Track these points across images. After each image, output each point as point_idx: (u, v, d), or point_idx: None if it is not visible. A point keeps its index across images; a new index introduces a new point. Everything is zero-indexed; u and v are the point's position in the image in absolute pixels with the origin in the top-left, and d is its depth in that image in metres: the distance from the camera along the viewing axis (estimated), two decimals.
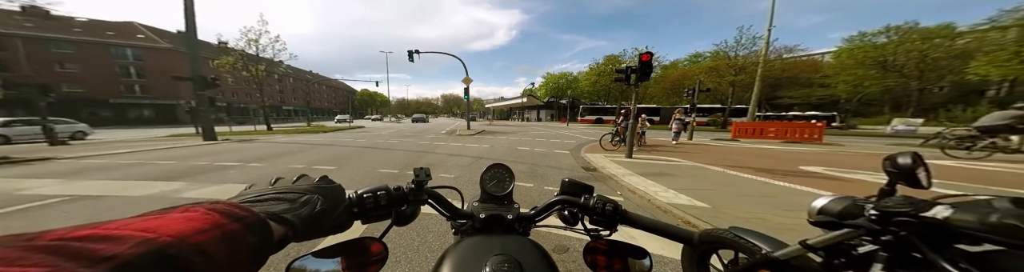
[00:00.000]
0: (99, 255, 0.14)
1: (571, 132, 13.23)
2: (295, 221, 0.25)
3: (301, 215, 0.26)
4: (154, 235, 0.16)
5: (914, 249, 0.34)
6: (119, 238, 0.15)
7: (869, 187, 3.01)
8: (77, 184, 3.22)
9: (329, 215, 0.29)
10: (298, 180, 0.32)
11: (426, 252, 1.52)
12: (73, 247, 0.14)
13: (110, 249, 0.14)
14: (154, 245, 0.15)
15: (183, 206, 0.21)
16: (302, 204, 0.27)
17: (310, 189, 0.29)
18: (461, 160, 4.81)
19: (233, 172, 3.92)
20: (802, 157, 5.29)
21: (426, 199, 0.41)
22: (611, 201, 0.43)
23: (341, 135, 11.10)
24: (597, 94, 31.46)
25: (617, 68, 5.08)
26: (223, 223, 0.20)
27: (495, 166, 0.54)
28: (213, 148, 6.82)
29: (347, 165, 4.39)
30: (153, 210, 0.21)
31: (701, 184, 3.07)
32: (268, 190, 0.28)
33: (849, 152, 6.18)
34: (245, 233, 0.20)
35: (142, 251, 0.15)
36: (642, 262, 0.42)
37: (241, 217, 0.21)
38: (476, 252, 0.34)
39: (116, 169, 4.14)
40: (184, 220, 0.19)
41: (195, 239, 0.17)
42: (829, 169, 4.02)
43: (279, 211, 0.25)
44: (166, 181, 3.36)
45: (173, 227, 0.18)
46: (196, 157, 5.31)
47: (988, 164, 4.55)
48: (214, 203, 0.22)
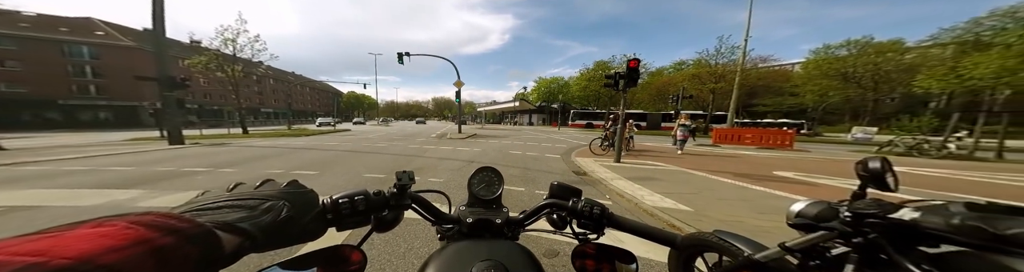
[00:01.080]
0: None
1: (562, 136, 13.35)
2: (253, 230, 0.23)
3: (261, 223, 0.24)
4: (43, 258, 0.13)
5: (882, 251, 0.36)
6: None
7: (834, 191, 3.20)
8: (10, 193, 2.81)
9: (296, 222, 0.27)
10: (262, 185, 0.30)
11: (413, 258, 1.46)
12: None
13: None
14: (44, 268, 0.13)
15: (96, 220, 0.18)
16: (264, 211, 0.25)
17: (275, 195, 0.27)
18: (451, 164, 4.71)
19: (201, 178, 3.59)
20: (775, 163, 5.57)
21: (409, 204, 0.40)
22: (598, 204, 0.43)
23: (325, 138, 10.60)
24: (587, 99, 32.27)
25: (606, 74, 5.14)
26: (150, 238, 0.17)
27: (484, 169, 0.53)
28: (180, 152, 6.26)
29: (331, 170, 4.15)
30: (52, 227, 0.17)
31: (685, 188, 3.16)
32: (223, 197, 0.26)
33: (816, 158, 6.55)
34: (183, 246, 0.18)
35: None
36: (629, 266, 0.42)
37: (177, 229, 0.19)
38: (462, 258, 0.33)
39: (61, 176, 3.67)
40: (93, 237, 0.16)
41: (106, 259, 0.14)
42: (799, 174, 4.28)
43: (233, 220, 0.23)
44: (121, 189, 3.01)
45: (75, 247, 0.14)
46: (159, 162, 4.85)
47: (930, 170, 4.96)
48: (142, 214, 0.19)
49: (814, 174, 4.30)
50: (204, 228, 0.20)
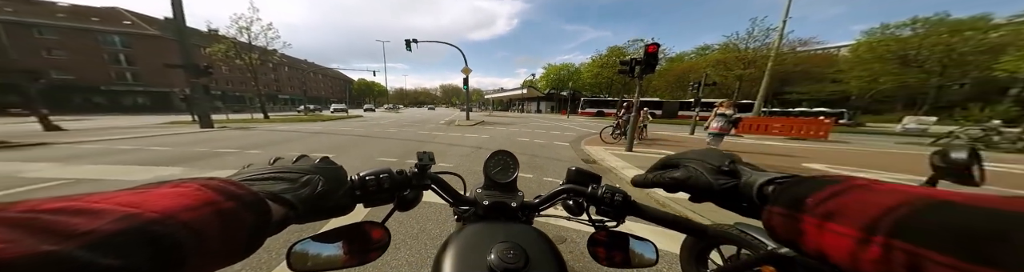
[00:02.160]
0: (72, 230, 0.12)
1: (571, 124, 13.15)
2: (295, 201, 0.24)
3: (301, 196, 0.25)
4: (138, 210, 0.15)
5: None
6: (98, 212, 0.14)
7: None
8: (76, 168, 3.23)
9: (330, 197, 0.28)
10: (298, 160, 0.31)
11: (426, 239, 1.52)
12: (43, 220, 0.12)
13: (86, 224, 0.13)
14: (136, 221, 0.14)
15: (173, 181, 0.20)
16: (302, 184, 0.26)
17: (311, 169, 0.28)
18: (460, 150, 4.83)
19: (231, 158, 3.94)
20: (806, 154, 5.26)
21: (429, 184, 0.40)
22: (620, 191, 0.41)
23: (339, 124, 11.03)
24: (599, 86, 31.03)
25: (621, 60, 4.89)
26: (217, 200, 0.18)
27: (499, 153, 0.53)
28: (211, 135, 6.78)
29: (346, 153, 4.40)
30: (140, 185, 0.19)
31: None
32: (267, 169, 0.27)
33: (855, 150, 6.11)
34: (241, 212, 0.19)
35: (121, 227, 0.13)
36: (644, 254, 0.41)
37: (237, 195, 0.20)
38: (481, 239, 0.33)
39: (114, 154, 4.13)
40: (173, 196, 0.17)
41: (185, 216, 0.16)
42: (833, 167, 3.96)
43: (278, 191, 0.24)
44: (164, 166, 3.38)
45: (160, 203, 0.16)
46: (194, 144, 5.30)
47: (1002, 165, 4.39)
48: (209, 179, 0.21)
49: (852, 167, 3.95)
50: (258, 196, 0.21)
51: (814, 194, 0.20)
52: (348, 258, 0.34)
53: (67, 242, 0.12)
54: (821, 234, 0.18)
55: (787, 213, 0.20)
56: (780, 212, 0.21)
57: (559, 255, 0.33)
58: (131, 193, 0.17)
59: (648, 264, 0.40)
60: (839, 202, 0.18)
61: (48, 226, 0.12)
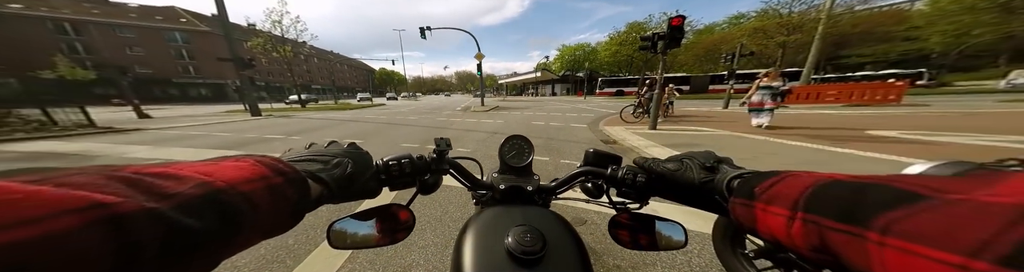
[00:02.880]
0: (165, 191, 0.14)
1: (589, 106, 12.71)
2: (329, 181, 0.26)
3: (334, 175, 0.27)
4: (211, 179, 0.17)
5: None
6: (182, 178, 0.16)
7: (971, 151, 2.41)
8: (164, 150, 3.99)
9: (358, 179, 0.30)
10: (329, 145, 0.34)
11: (449, 222, 1.58)
12: (146, 182, 0.14)
13: (174, 187, 0.15)
14: (210, 188, 0.16)
15: (234, 156, 0.22)
16: (334, 165, 0.28)
17: (341, 153, 0.30)
18: (477, 135, 4.96)
19: (277, 143, 4.56)
20: (871, 121, 4.65)
21: (447, 169, 0.41)
22: (643, 172, 0.38)
23: (365, 112, 11.76)
24: (618, 65, 29.04)
25: (641, 35, 4.51)
26: (269, 176, 0.20)
27: (514, 137, 0.53)
28: (259, 123, 7.73)
29: (373, 139, 4.81)
30: (209, 158, 0.22)
31: (737, 153, 2.66)
32: (305, 152, 0.30)
33: (936, 113, 5.28)
34: (287, 188, 0.21)
35: (200, 193, 0.15)
36: (671, 236, 0.38)
37: (284, 172, 0.22)
38: (498, 222, 0.34)
39: (189, 139, 4.98)
40: (235, 169, 0.19)
41: (244, 187, 0.18)
42: (907, 133, 3.42)
43: (315, 170, 0.26)
44: (227, 150, 4.03)
45: (226, 173, 0.18)
46: (247, 130, 6.13)
47: None
48: (262, 156, 0.23)
49: (931, 131, 3.43)
50: (300, 175, 0.23)
51: (760, 184, 0.23)
52: (380, 237, 0.36)
53: (162, 201, 0.14)
54: (767, 217, 0.20)
55: (745, 202, 0.23)
56: (740, 202, 0.24)
57: (578, 238, 0.33)
58: (205, 164, 0.19)
59: (676, 246, 0.38)
60: (776, 188, 0.21)
61: (149, 187, 0.14)
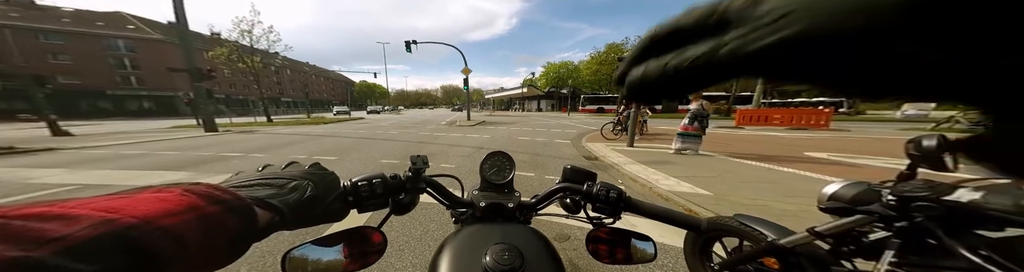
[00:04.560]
0: (44, 236, 0.12)
1: (572, 122, 13.10)
2: (281, 207, 0.24)
3: (288, 201, 0.25)
4: (116, 216, 0.15)
5: (930, 235, 0.33)
6: (74, 217, 0.13)
7: (879, 173, 2.93)
8: (83, 173, 3.26)
9: (320, 202, 0.28)
10: (287, 167, 0.31)
11: (429, 241, 1.52)
12: (14, 226, 0.12)
13: (59, 230, 0.12)
14: (114, 226, 0.14)
15: (157, 186, 0.20)
16: (291, 190, 0.26)
17: (300, 175, 0.28)
18: (462, 150, 4.83)
19: (235, 162, 3.95)
20: (807, 143, 5.27)
21: (424, 188, 0.40)
22: (615, 188, 0.41)
23: (342, 126, 11.08)
24: (598, 83, 31.08)
25: (618, 56, 4.98)
26: (200, 205, 0.18)
27: (495, 154, 0.53)
28: (215, 139, 6.83)
29: (349, 156, 4.41)
30: (122, 190, 0.19)
31: (703, 171, 3.05)
32: (255, 176, 0.27)
33: (856, 137, 6.15)
34: (225, 218, 0.19)
35: (98, 233, 0.13)
36: (645, 249, 0.41)
37: (222, 200, 0.20)
38: (476, 241, 0.33)
39: (121, 159, 4.17)
40: (155, 201, 0.17)
41: (165, 222, 0.16)
42: (835, 155, 4.00)
43: (264, 196, 0.24)
44: (171, 171, 3.39)
45: (140, 208, 0.16)
46: (199, 148, 5.33)
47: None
48: (193, 184, 0.20)
49: (853, 154, 4.01)
50: (243, 201, 0.21)
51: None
52: (348, 262, 0.33)
53: (38, 248, 0.11)
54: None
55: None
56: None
57: (556, 255, 0.33)
58: (111, 198, 0.16)
59: (648, 259, 0.41)
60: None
61: (18, 232, 0.12)
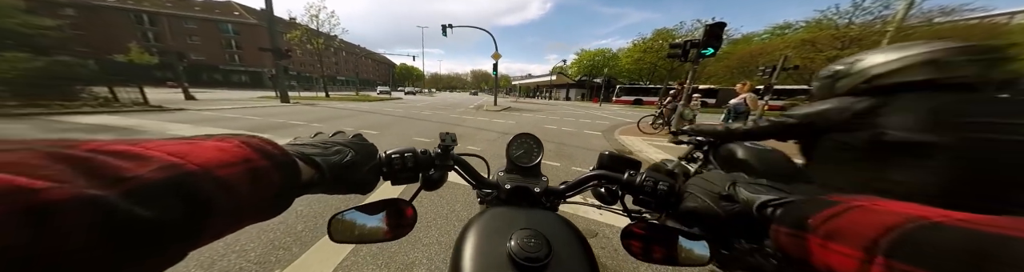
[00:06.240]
0: (119, 174, 0.13)
1: (604, 113, 12.46)
2: (323, 165, 0.25)
3: (330, 161, 0.26)
4: (181, 161, 0.15)
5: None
6: (147, 158, 0.14)
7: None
8: (202, 129, 4.49)
9: (357, 169, 0.29)
10: (334, 135, 0.34)
11: (455, 220, 1.56)
12: (99, 161, 0.13)
13: (133, 169, 0.13)
14: (178, 172, 0.15)
15: (219, 135, 0.21)
16: (334, 153, 0.28)
17: (343, 142, 0.30)
18: (487, 135, 4.85)
19: (301, 130, 4.94)
20: None
21: (452, 165, 0.40)
22: (666, 180, 0.36)
23: (384, 105, 12.27)
24: (639, 73, 27.91)
25: (671, 42, 4.46)
26: (253, 158, 0.19)
27: (523, 135, 0.50)
28: (287, 109, 8.32)
29: (388, 131, 5.06)
30: (193, 136, 0.20)
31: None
32: (307, 140, 0.30)
33: None
34: (272, 172, 0.20)
35: (161, 177, 0.14)
36: (694, 250, 0.34)
37: (272, 155, 0.20)
38: (501, 224, 0.32)
39: (224, 120, 5.52)
40: (215, 150, 0.18)
41: (220, 172, 0.16)
42: None
43: (310, 153, 0.26)
44: (256, 132, 4.45)
45: (203, 155, 0.16)
46: (275, 115, 6.66)
47: None
48: (250, 137, 0.21)
49: None
50: (289, 157, 0.22)
51: (815, 215, 0.20)
52: (385, 231, 0.34)
53: (111, 187, 0.12)
54: (827, 254, 0.18)
55: (792, 232, 0.21)
56: (786, 232, 0.22)
57: (586, 245, 0.31)
58: (180, 143, 0.17)
59: (699, 263, 0.34)
60: (839, 223, 0.19)
61: (101, 168, 0.13)
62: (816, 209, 0.21)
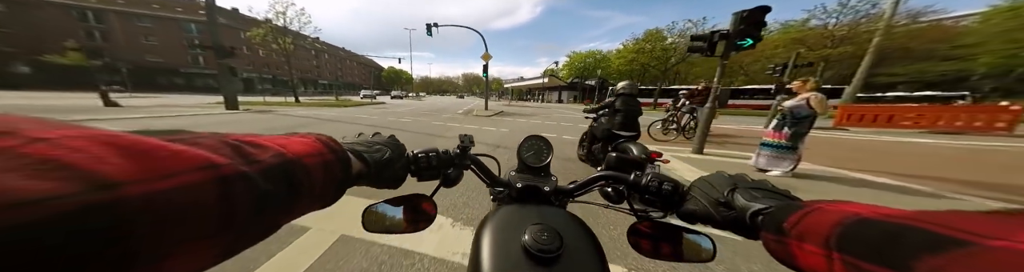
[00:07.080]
0: (253, 158, 0.17)
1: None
2: (370, 161, 0.29)
3: (375, 157, 0.30)
4: (285, 150, 0.19)
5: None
6: (265, 147, 0.18)
7: None
8: None
9: (392, 165, 0.32)
10: (374, 136, 0.37)
11: (466, 222, 1.53)
12: (243, 148, 0.17)
13: (259, 155, 0.17)
14: (284, 158, 0.18)
15: (301, 133, 0.25)
16: (376, 150, 0.31)
17: (382, 142, 0.34)
18: (476, 148, 4.03)
19: None
20: (1008, 159, 3.42)
21: (469, 164, 0.43)
22: (670, 180, 0.37)
23: (358, 111, 10.95)
24: (631, 74, 28.10)
25: (694, 34, 3.62)
26: (324, 152, 0.22)
27: (533, 137, 0.55)
28: (228, 118, 6.85)
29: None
30: (283, 133, 0.24)
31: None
32: (353, 139, 0.34)
33: None
34: (336, 164, 0.23)
35: (277, 162, 0.18)
36: (700, 246, 0.37)
37: (335, 150, 0.24)
38: (514, 220, 0.34)
39: None
40: (301, 143, 0.22)
41: (307, 161, 0.20)
42: None
43: (361, 150, 0.30)
44: None
45: (295, 147, 0.20)
46: (205, 126, 5.24)
47: None
48: (320, 135, 0.26)
49: None
50: (346, 154, 0.26)
51: (788, 219, 0.22)
52: (408, 224, 0.40)
53: (250, 166, 0.16)
54: (805, 255, 0.19)
55: (776, 238, 0.22)
56: (772, 238, 0.23)
57: (595, 239, 0.33)
58: (277, 137, 0.22)
59: (704, 259, 0.37)
60: (805, 224, 0.20)
61: (244, 152, 0.17)
62: (788, 213, 0.22)
